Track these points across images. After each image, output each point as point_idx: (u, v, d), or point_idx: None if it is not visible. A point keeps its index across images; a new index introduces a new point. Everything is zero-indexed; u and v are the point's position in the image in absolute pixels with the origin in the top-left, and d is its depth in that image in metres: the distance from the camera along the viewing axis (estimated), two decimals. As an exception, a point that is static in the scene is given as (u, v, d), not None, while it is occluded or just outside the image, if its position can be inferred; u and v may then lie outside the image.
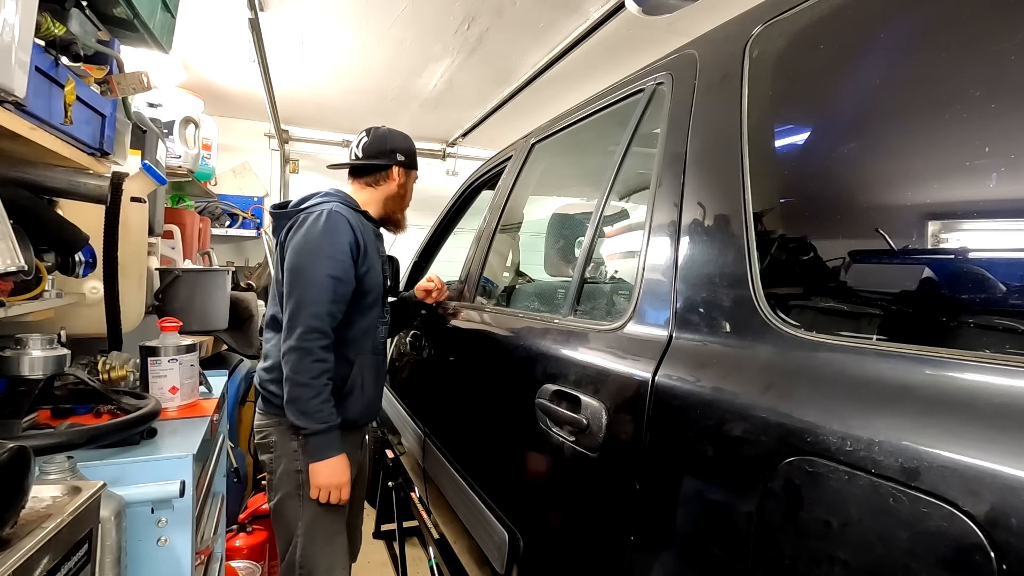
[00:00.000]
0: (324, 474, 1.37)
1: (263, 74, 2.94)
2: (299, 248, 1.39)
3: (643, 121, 1.11)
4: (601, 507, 0.86)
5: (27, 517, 0.65)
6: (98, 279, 1.43)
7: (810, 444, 0.55)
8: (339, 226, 1.40)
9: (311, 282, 1.37)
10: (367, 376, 1.51)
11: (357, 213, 1.51)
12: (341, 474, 1.40)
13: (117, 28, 1.26)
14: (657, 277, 0.87)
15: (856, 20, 0.74)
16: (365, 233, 1.48)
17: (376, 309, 1.54)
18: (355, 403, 1.49)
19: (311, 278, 1.37)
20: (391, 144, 1.60)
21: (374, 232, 1.57)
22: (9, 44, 0.81)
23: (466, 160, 4.99)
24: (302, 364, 1.35)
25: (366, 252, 1.46)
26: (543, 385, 1.03)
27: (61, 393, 1.27)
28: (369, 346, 1.53)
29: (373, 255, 1.50)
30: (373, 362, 1.54)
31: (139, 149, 1.91)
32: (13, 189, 1.09)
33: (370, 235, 1.52)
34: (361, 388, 1.50)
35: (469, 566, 1.48)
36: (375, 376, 1.56)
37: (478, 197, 2.28)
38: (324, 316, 1.37)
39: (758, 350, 0.67)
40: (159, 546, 1.05)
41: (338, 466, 1.39)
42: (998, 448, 0.43)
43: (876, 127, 0.70)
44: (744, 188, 0.76)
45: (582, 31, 2.53)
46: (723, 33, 0.97)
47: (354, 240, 1.42)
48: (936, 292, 0.60)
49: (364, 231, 1.48)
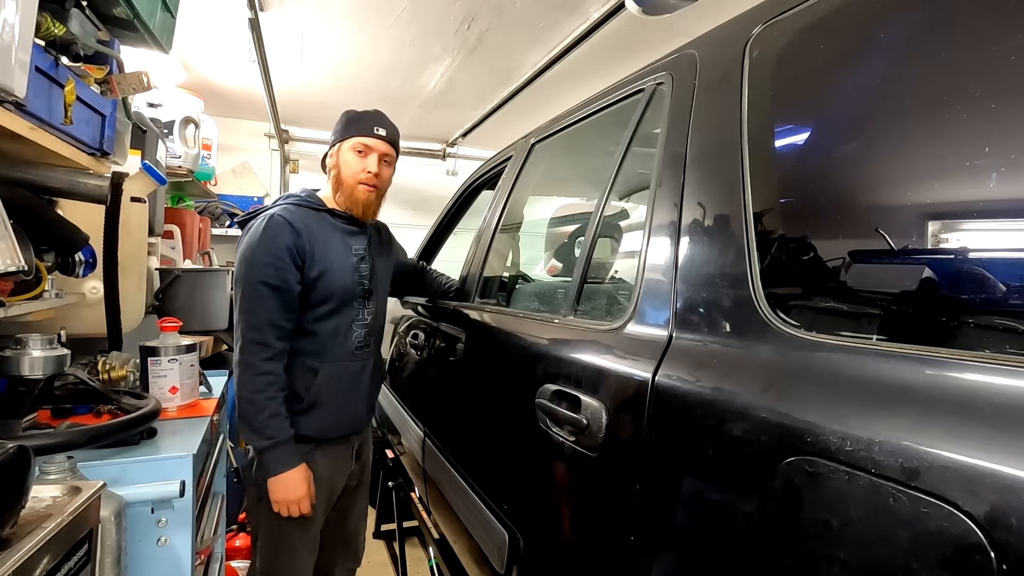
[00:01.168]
0: (278, 489, 1.32)
1: (263, 74, 2.95)
2: (239, 260, 1.34)
3: (643, 121, 1.11)
4: (601, 507, 0.86)
5: (27, 517, 0.65)
6: (98, 279, 1.43)
7: (810, 444, 0.55)
8: (275, 231, 1.31)
9: (247, 294, 1.31)
10: (336, 385, 1.42)
11: (319, 212, 1.42)
12: (296, 488, 1.32)
13: (117, 28, 1.26)
14: (657, 277, 0.87)
15: (856, 20, 0.74)
16: (320, 234, 1.38)
17: (344, 313, 1.43)
18: (320, 416, 1.39)
19: (246, 290, 1.31)
20: (333, 130, 1.50)
21: (345, 231, 1.45)
22: (9, 44, 0.81)
23: (466, 160, 4.99)
24: (244, 379, 1.30)
25: (313, 254, 1.35)
26: (543, 385, 1.03)
27: (61, 393, 1.27)
28: (339, 352, 1.42)
29: (334, 256, 1.39)
30: (346, 369, 1.44)
31: (139, 149, 1.91)
32: (13, 189, 1.09)
33: (331, 235, 1.41)
34: (328, 398, 1.40)
35: (469, 566, 1.48)
36: (349, 384, 1.46)
37: (478, 197, 2.28)
38: (263, 328, 1.30)
39: (758, 350, 0.67)
40: (159, 546, 1.06)
41: (292, 480, 1.32)
42: (998, 448, 0.43)
43: (876, 127, 0.70)
44: (744, 188, 0.76)
45: (582, 31, 2.53)
46: (723, 33, 0.97)
47: (295, 243, 1.32)
48: (936, 292, 0.60)
49: (318, 232, 1.38)
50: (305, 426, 1.38)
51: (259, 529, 1.42)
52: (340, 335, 1.43)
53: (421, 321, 1.98)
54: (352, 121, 1.46)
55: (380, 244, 1.59)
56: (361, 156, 1.43)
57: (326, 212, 1.44)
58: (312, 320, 1.39)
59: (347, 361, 1.45)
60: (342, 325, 1.43)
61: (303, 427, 1.38)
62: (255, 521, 1.44)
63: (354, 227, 1.48)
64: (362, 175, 1.43)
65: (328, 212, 1.44)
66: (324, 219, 1.42)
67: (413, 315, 2.12)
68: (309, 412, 1.38)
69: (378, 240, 1.58)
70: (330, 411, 1.41)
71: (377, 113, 1.48)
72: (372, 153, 1.44)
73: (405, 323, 2.20)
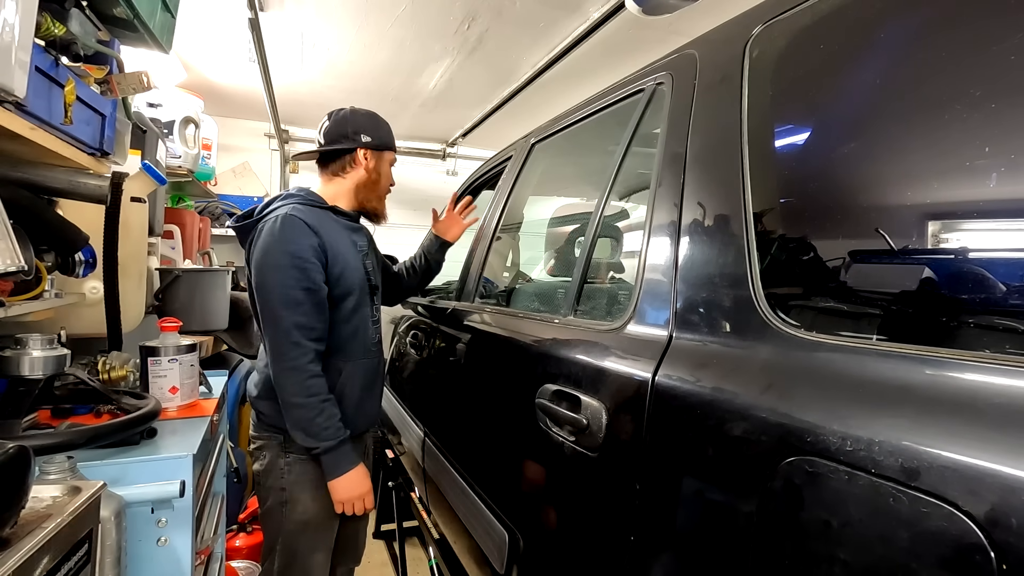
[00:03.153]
0: (343, 488, 1.33)
1: (263, 74, 2.95)
2: (260, 264, 1.31)
3: (643, 121, 1.11)
4: (601, 507, 0.86)
5: (27, 517, 0.65)
6: (98, 279, 1.43)
7: (810, 444, 0.55)
8: (296, 231, 1.30)
9: (280, 300, 1.29)
10: (358, 382, 1.44)
11: (322, 211, 1.42)
12: (360, 484, 1.35)
13: (117, 28, 1.26)
14: (657, 277, 0.87)
15: (856, 20, 0.74)
16: (331, 232, 1.38)
17: (362, 310, 1.44)
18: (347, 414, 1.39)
19: (279, 295, 1.29)
20: (353, 126, 1.46)
21: (348, 228, 1.47)
22: (9, 44, 0.81)
23: (466, 160, 4.99)
24: (293, 384, 1.29)
25: (336, 253, 1.36)
26: (543, 385, 1.03)
27: (61, 393, 1.27)
28: (359, 350, 1.45)
29: (347, 254, 1.40)
30: (366, 367, 1.47)
31: (139, 149, 1.91)
32: (13, 189, 1.09)
33: (339, 233, 1.41)
34: (350, 396, 1.42)
35: (469, 566, 1.48)
36: (370, 381, 1.48)
37: (478, 197, 2.28)
38: (303, 329, 1.29)
39: (758, 350, 0.67)
40: (159, 546, 1.05)
41: (356, 477, 1.34)
42: (998, 448, 0.43)
43: (876, 127, 0.70)
44: (744, 188, 0.76)
45: (582, 31, 2.53)
46: (723, 33, 0.97)
47: (317, 243, 1.32)
48: (936, 292, 0.60)
49: (329, 230, 1.38)
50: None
51: (280, 533, 1.42)
52: (360, 332, 1.45)
53: (421, 321, 1.98)
54: (388, 133, 1.53)
55: (371, 243, 1.61)
56: (391, 170, 1.55)
57: (329, 210, 1.45)
58: (337, 319, 1.40)
59: (366, 358, 1.47)
60: (361, 322, 1.45)
61: None
62: (273, 527, 1.44)
63: (355, 224, 1.51)
64: (390, 189, 1.55)
65: (331, 210, 1.45)
66: (331, 217, 1.44)
67: (413, 315, 2.13)
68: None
69: (369, 239, 1.60)
70: (351, 409, 1.42)
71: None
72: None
73: (405, 323, 2.20)
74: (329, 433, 1.31)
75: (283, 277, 1.29)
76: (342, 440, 1.32)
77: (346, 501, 1.35)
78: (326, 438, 1.30)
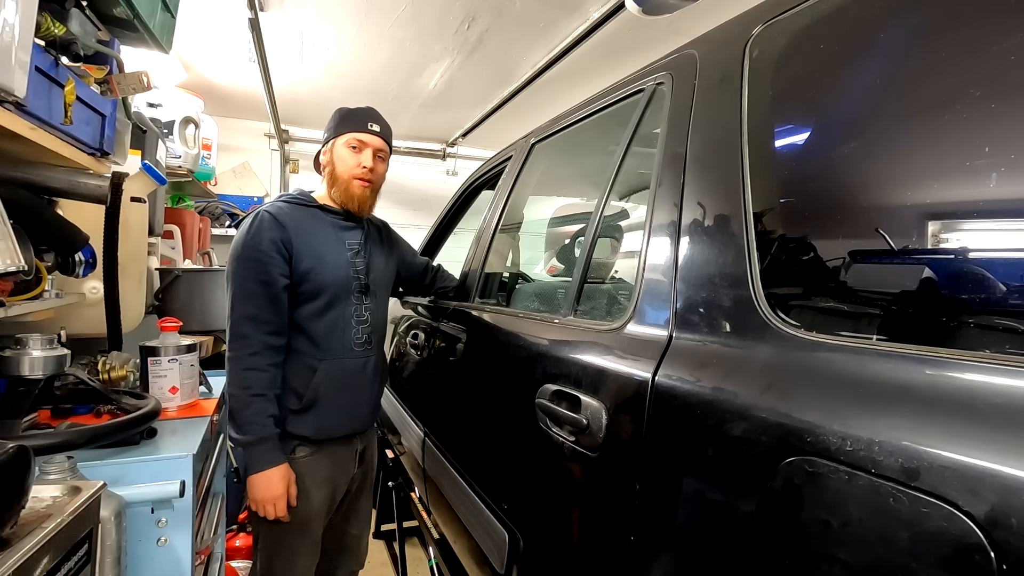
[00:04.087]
0: (257, 487, 1.29)
1: (263, 74, 2.95)
2: (229, 257, 1.35)
3: (643, 121, 1.11)
4: (601, 507, 0.86)
5: (27, 517, 0.65)
6: (98, 279, 1.43)
7: (810, 444, 0.55)
8: (262, 226, 1.32)
9: (234, 291, 1.32)
10: (335, 382, 1.40)
11: (308, 208, 1.43)
12: (274, 487, 1.29)
13: (117, 28, 1.26)
14: (657, 277, 0.87)
15: (856, 20, 0.74)
16: (308, 229, 1.38)
17: (341, 308, 1.41)
18: (319, 415, 1.37)
19: (234, 287, 1.32)
20: (325, 130, 1.50)
21: (337, 226, 1.45)
22: (9, 44, 0.81)
23: (466, 160, 5.00)
24: (231, 375, 1.30)
25: (307, 249, 1.36)
26: (543, 385, 1.03)
27: (61, 393, 1.27)
28: (337, 348, 1.40)
29: (323, 250, 1.38)
30: (346, 367, 1.42)
31: (139, 149, 1.91)
32: (13, 189, 1.09)
33: (322, 230, 1.41)
34: (325, 395, 1.38)
35: (469, 566, 1.48)
36: (350, 382, 1.43)
37: (478, 197, 2.28)
38: (255, 322, 1.30)
39: (758, 350, 0.67)
40: (159, 546, 1.06)
41: (271, 479, 1.29)
42: (998, 448, 0.43)
43: (876, 127, 0.70)
44: (744, 188, 0.76)
45: (582, 31, 2.53)
46: (723, 33, 0.97)
47: (279, 237, 1.32)
48: (936, 292, 0.60)
49: (306, 227, 1.38)
50: (304, 425, 1.37)
51: (259, 531, 1.41)
52: (338, 331, 1.41)
53: (421, 321, 1.98)
54: (345, 117, 1.47)
55: (380, 241, 1.58)
56: (355, 152, 1.45)
57: (318, 208, 1.45)
58: (308, 315, 1.38)
59: (347, 358, 1.43)
60: (339, 321, 1.41)
61: (302, 426, 1.36)
62: (254, 527, 1.43)
63: (348, 222, 1.49)
64: (357, 170, 1.43)
65: (320, 208, 1.45)
66: (316, 214, 1.43)
67: (413, 315, 2.12)
68: (308, 411, 1.37)
69: (377, 237, 1.58)
70: (330, 410, 1.39)
71: (370, 109, 1.49)
72: (366, 148, 1.45)
73: (405, 323, 2.20)
74: (254, 428, 1.28)
75: (241, 269, 1.31)
76: (265, 438, 1.29)
77: (258, 501, 1.30)
78: (248, 432, 1.28)
